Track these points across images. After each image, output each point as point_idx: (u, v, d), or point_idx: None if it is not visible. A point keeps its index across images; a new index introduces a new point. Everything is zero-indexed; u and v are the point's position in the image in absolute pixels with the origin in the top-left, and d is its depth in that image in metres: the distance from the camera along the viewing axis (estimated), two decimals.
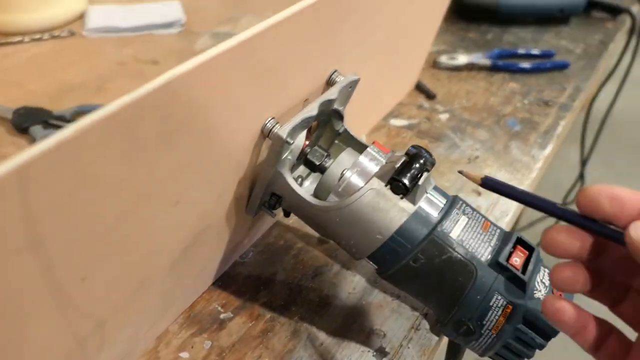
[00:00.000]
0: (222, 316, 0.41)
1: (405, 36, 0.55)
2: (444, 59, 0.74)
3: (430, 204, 0.36)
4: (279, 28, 0.30)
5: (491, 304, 0.34)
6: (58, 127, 0.57)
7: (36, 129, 0.57)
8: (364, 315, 0.42)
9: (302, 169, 0.43)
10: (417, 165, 0.35)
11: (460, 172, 0.33)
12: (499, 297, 0.34)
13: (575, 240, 0.26)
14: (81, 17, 0.81)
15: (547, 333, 0.34)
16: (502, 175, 0.56)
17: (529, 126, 0.64)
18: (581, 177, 1.26)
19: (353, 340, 0.40)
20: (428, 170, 0.36)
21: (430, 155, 0.37)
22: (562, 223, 0.27)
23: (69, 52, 0.73)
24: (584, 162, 1.23)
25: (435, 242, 0.35)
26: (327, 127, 0.43)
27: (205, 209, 0.35)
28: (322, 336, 0.40)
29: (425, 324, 0.41)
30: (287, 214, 0.41)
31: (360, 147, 0.42)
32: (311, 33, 0.34)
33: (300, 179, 0.43)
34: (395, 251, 0.36)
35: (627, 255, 0.24)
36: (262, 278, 0.44)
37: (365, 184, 0.36)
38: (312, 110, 0.37)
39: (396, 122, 0.63)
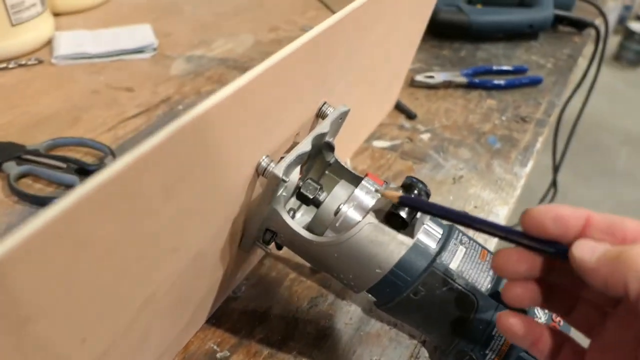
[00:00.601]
0: (218, 355, 0.40)
1: (388, 60, 0.55)
2: (420, 78, 0.75)
3: (427, 235, 0.36)
4: (276, 69, 0.29)
5: (494, 333, 0.34)
6: (33, 162, 0.55)
7: (9, 165, 0.55)
8: (362, 346, 0.41)
9: (293, 201, 0.42)
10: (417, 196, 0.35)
11: (377, 191, 0.36)
12: None
13: (525, 262, 0.27)
14: (49, 43, 0.79)
15: None
16: (486, 195, 0.57)
17: (509, 143, 0.65)
18: (554, 183, 1.29)
19: None
20: None
21: (425, 185, 0.37)
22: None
23: (38, 81, 0.71)
24: (556, 169, 1.25)
25: (435, 275, 0.35)
26: (317, 159, 0.42)
27: (200, 250, 0.34)
28: None
29: (424, 352, 0.41)
30: (279, 247, 0.40)
31: (353, 179, 0.41)
32: (304, 70, 0.34)
33: (292, 212, 0.42)
34: (395, 284, 0.35)
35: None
36: (257, 313, 0.43)
37: (363, 218, 0.35)
38: (305, 146, 0.36)
39: (379, 143, 0.64)
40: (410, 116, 0.68)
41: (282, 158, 0.38)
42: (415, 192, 0.36)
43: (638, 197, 2.10)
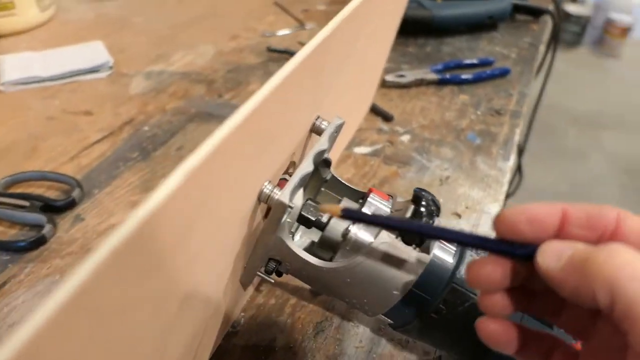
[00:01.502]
0: None
1: (368, 64, 0.53)
2: (391, 78, 0.74)
3: (442, 250, 0.34)
4: (280, 90, 0.27)
5: None
6: None
7: None
8: None
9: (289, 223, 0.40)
10: (427, 212, 0.33)
11: (317, 205, 0.35)
12: None
13: (499, 270, 0.24)
14: None
15: None
16: (476, 193, 0.56)
17: (488, 138, 0.65)
18: (519, 169, 1.31)
19: None
20: (438, 215, 0.34)
21: (434, 197, 0.35)
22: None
23: None
24: (519, 154, 1.27)
25: (456, 291, 0.33)
26: (313, 176, 0.40)
27: (206, 293, 0.31)
28: None
29: None
30: (279, 274, 0.37)
31: (354, 194, 0.39)
32: (302, 87, 0.31)
33: (291, 235, 0.40)
34: (415, 305, 0.33)
35: None
36: (260, 347, 0.40)
37: (376, 237, 0.33)
38: (308, 166, 0.34)
39: (360, 150, 0.62)
40: (387, 118, 0.67)
41: (281, 180, 0.35)
42: (424, 203, 0.34)
43: (590, 174, 2.18)
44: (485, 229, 0.51)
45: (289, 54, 0.80)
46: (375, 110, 0.68)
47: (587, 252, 0.21)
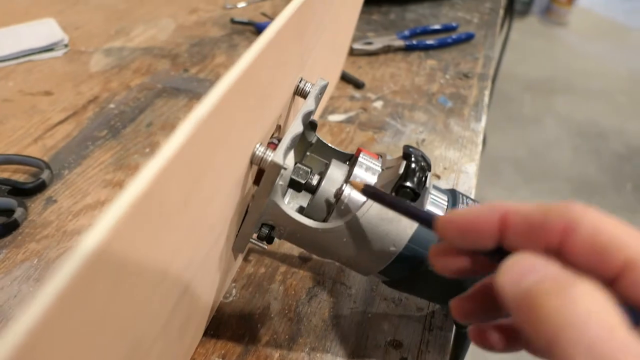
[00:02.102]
0: None
1: (341, 30, 0.52)
2: (359, 45, 0.73)
3: (435, 205, 0.35)
4: (272, 46, 0.26)
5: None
6: None
7: None
8: (374, 329, 0.40)
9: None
10: (419, 167, 0.33)
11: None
12: None
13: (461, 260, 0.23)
14: None
15: None
16: (452, 154, 0.57)
17: (459, 101, 0.65)
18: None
19: (373, 358, 0.38)
20: (429, 170, 0.34)
21: (423, 153, 0.35)
22: None
23: None
24: None
25: None
26: (299, 140, 0.39)
27: (204, 258, 0.30)
28: None
29: (437, 322, 0.40)
30: (271, 240, 0.37)
31: (341, 156, 0.39)
32: (290, 45, 0.31)
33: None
34: (412, 260, 0.34)
35: None
36: (255, 315, 0.40)
37: None
38: (297, 126, 0.33)
39: (334, 117, 0.61)
40: (358, 85, 0.66)
41: (270, 143, 0.34)
42: (414, 159, 0.34)
43: (545, 139, 2.24)
44: (465, 188, 0.52)
45: (254, 25, 0.78)
46: (346, 78, 0.68)
47: (546, 289, 0.17)
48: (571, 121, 2.36)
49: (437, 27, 0.80)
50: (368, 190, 0.29)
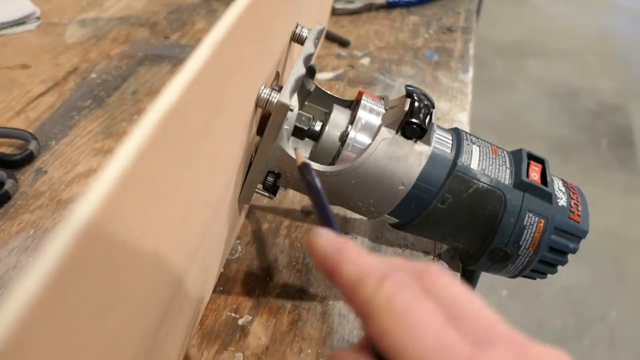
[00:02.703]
0: (240, 322, 0.36)
1: None
2: (341, 4, 0.72)
3: (440, 143, 0.34)
4: None
5: (525, 223, 0.34)
6: None
7: None
8: None
9: None
10: (424, 104, 0.33)
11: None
12: (531, 215, 0.34)
13: None
14: None
15: (578, 236, 0.35)
16: (443, 105, 0.57)
17: (445, 54, 0.65)
18: None
19: None
20: (434, 107, 0.34)
21: (424, 92, 0.35)
22: None
23: None
24: None
25: (460, 178, 0.33)
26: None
27: (217, 203, 0.30)
28: None
29: (444, 264, 0.41)
30: (276, 191, 0.37)
31: (341, 103, 0.38)
32: None
33: None
34: (421, 198, 0.34)
35: None
36: (264, 269, 0.40)
37: (375, 136, 0.33)
38: (300, 68, 0.32)
39: (323, 75, 0.61)
40: (344, 43, 0.66)
41: (273, 89, 0.34)
42: (416, 97, 0.34)
43: (519, 101, 2.27)
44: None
45: None
46: (330, 37, 0.67)
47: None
48: (543, 82, 2.39)
49: None
50: (302, 169, 0.28)
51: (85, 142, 0.50)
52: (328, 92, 0.39)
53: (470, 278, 0.43)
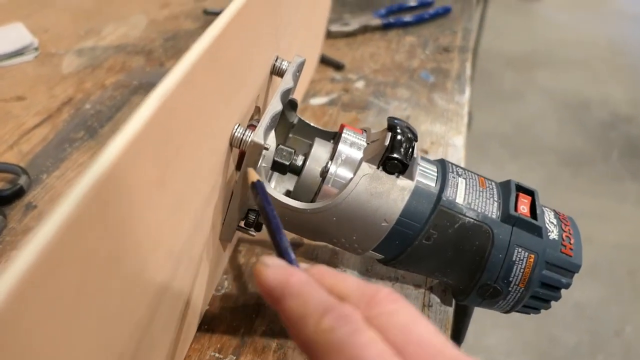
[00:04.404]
0: None
1: (316, 8, 0.51)
2: (336, 27, 0.72)
3: (424, 176, 0.34)
4: (239, 18, 0.25)
5: (514, 258, 0.33)
6: None
7: None
8: None
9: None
10: (405, 138, 0.32)
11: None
12: (520, 250, 0.33)
13: None
14: None
15: (571, 270, 0.34)
16: (438, 128, 0.56)
17: (441, 75, 0.64)
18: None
19: None
20: (416, 140, 0.33)
21: (408, 124, 0.34)
22: None
23: None
24: None
25: (444, 213, 0.32)
26: (280, 121, 0.38)
27: (187, 247, 0.29)
28: None
29: (435, 298, 0.39)
30: (259, 227, 0.36)
31: (324, 135, 0.38)
32: (262, 18, 0.29)
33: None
34: (405, 234, 0.33)
35: None
36: (250, 305, 0.39)
37: (356, 172, 0.32)
38: (276, 105, 0.32)
39: (316, 100, 0.60)
40: (339, 67, 0.65)
41: (249, 125, 0.33)
42: (399, 131, 0.33)
43: (529, 113, 2.25)
44: (454, 161, 0.51)
45: None
46: (325, 61, 0.66)
47: None
48: (553, 93, 2.36)
49: (413, 3, 0.79)
50: (253, 189, 0.27)
51: (75, 176, 0.50)
52: (311, 123, 0.38)
53: (464, 312, 0.41)
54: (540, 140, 2.07)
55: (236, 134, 0.29)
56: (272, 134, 0.32)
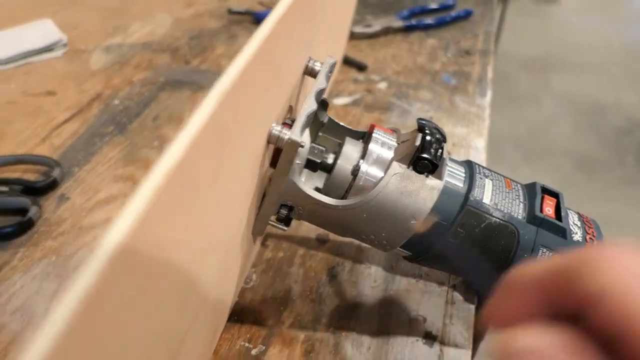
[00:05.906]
0: (253, 352, 0.36)
1: (340, 11, 0.52)
2: (359, 29, 0.73)
3: (452, 176, 0.34)
4: (285, 22, 0.26)
5: (538, 258, 0.34)
6: None
7: None
8: (396, 305, 0.40)
9: None
10: (435, 139, 0.33)
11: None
12: (545, 250, 0.34)
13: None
14: None
15: None
16: (460, 130, 0.57)
17: (463, 78, 0.65)
18: None
19: (397, 334, 0.38)
20: (445, 141, 0.34)
21: (437, 125, 0.35)
22: None
23: None
24: None
25: (472, 213, 0.33)
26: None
27: (229, 241, 0.30)
28: (366, 340, 0.37)
29: (458, 296, 0.40)
30: (289, 222, 0.37)
31: (354, 134, 0.39)
32: (303, 18, 0.30)
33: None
34: (432, 232, 0.34)
35: None
36: (277, 298, 0.40)
37: (387, 170, 0.33)
38: (311, 104, 0.33)
39: (340, 100, 0.61)
40: (361, 68, 0.66)
41: (284, 124, 0.34)
42: (428, 131, 0.34)
43: (544, 116, 2.24)
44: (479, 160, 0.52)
45: (252, 15, 0.78)
46: (348, 62, 0.67)
47: None
48: (568, 97, 2.36)
49: (434, 6, 0.80)
50: None
51: (106, 169, 0.51)
52: (341, 123, 0.39)
53: None
54: (555, 144, 2.06)
55: (273, 131, 0.30)
56: (307, 132, 0.33)
